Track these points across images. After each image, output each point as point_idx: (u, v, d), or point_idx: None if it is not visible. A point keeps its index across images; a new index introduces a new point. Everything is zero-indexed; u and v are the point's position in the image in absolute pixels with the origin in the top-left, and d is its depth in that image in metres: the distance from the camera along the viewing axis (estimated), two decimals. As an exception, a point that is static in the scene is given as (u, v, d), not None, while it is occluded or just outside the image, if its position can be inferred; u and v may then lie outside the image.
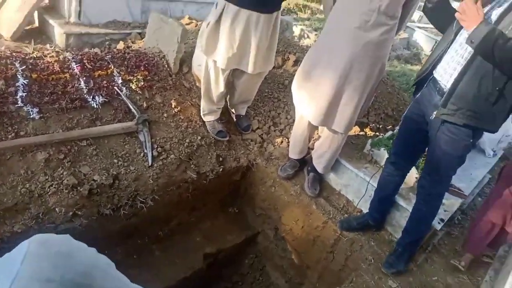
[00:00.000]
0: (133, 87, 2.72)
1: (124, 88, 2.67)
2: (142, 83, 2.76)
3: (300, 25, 5.64)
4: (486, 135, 3.37)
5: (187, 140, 2.72)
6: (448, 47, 1.94)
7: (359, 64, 2.30)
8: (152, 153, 2.50)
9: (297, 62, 3.65)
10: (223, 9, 2.43)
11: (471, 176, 3.15)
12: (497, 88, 1.78)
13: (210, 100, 2.85)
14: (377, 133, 3.37)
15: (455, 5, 1.91)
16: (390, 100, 3.69)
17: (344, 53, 2.29)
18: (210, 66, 2.68)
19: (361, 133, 3.32)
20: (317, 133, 3.04)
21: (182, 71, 3.16)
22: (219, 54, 2.53)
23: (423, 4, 2.13)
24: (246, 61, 2.58)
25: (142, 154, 2.49)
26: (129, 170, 2.41)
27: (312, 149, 2.94)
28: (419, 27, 6.74)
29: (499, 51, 1.67)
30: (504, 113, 1.89)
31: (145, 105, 2.72)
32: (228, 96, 3.06)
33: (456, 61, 1.88)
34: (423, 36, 6.64)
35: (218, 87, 2.75)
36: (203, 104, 2.89)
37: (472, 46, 1.72)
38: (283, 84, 3.54)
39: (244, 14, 2.41)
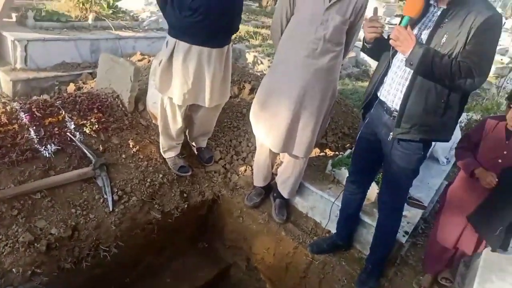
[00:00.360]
0: (87, 131, 2.65)
1: (78, 133, 2.59)
2: (97, 126, 2.69)
3: (253, 51, 5.78)
4: (438, 144, 3.55)
5: (149, 180, 2.67)
6: (387, 70, 2.04)
7: (312, 90, 2.38)
8: (112, 198, 2.42)
9: (253, 90, 3.71)
10: (174, 47, 2.44)
11: (428, 185, 3.28)
12: (442, 101, 1.89)
13: (169, 136, 2.82)
14: (337, 152, 3.46)
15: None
16: (346, 119, 3.81)
17: (297, 81, 2.36)
18: (166, 103, 2.66)
19: (322, 154, 3.39)
20: (280, 159, 3.07)
21: (138, 109, 3.12)
22: (174, 91, 2.53)
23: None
24: (202, 95, 2.60)
25: (101, 200, 2.41)
26: (88, 219, 2.31)
27: (276, 174, 2.96)
28: (365, 45, 7.07)
29: (437, 68, 1.78)
30: (453, 122, 2.01)
31: (101, 148, 2.65)
32: (187, 130, 3.04)
33: (397, 82, 1.98)
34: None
35: (176, 123, 2.73)
36: (162, 141, 2.86)
37: (412, 68, 1.82)
38: (241, 112, 3.58)
39: (195, 50, 2.44)
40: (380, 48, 2.02)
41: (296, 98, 2.38)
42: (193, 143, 3.13)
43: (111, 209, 2.39)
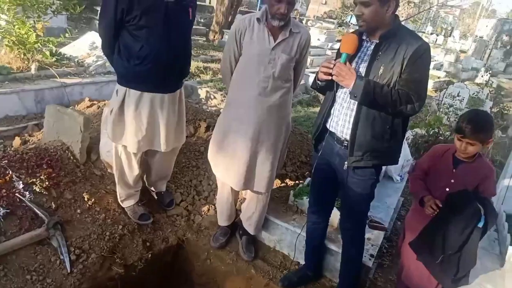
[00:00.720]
0: (38, 189, 2.51)
1: (27, 192, 2.45)
2: (47, 183, 2.56)
3: (205, 87, 5.81)
4: (391, 164, 3.72)
5: (108, 233, 2.55)
6: (333, 102, 2.14)
7: (267, 127, 2.43)
8: (69, 258, 2.29)
9: (209, 128, 3.72)
10: (124, 95, 2.41)
11: (386, 204, 3.40)
12: (388, 127, 2.01)
13: (126, 184, 2.74)
14: (297, 181, 3.51)
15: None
16: (302, 147, 3.90)
17: (251, 119, 2.40)
18: (120, 151, 2.60)
19: (282, 184, 3.43)
20: (242, 195, 3.06)
21: (91, 159, 3.01)
22: (128, 139, 2.48)
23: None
24: (157, 141, 2.57)
25: (58, 262, 2.27)
26: (45, 284, 2.16)
27: (240, 211, 2.95)
28: (312, 72, 7.36)
29: (379, 97, 1.90)
30: (399, 145, 2.14)
31: (53, 205, 2.51)
32: (145, 175, 2.97)
33: (344, 113, 2.08)
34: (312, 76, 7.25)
35: (133, 171, 2.66)
36: (119, 190, 2.77)
37: (357, 99, 1.93)
38: (199, 151, 3.56)
39: (147, 97, 2.42)
40: (330, 86, 2.12)
41: (252, 135, 2.41)
42: (152, 188, 3.05)
43: (69, 270, 2.25)
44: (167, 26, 2.30)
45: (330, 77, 1.98)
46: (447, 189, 2.16)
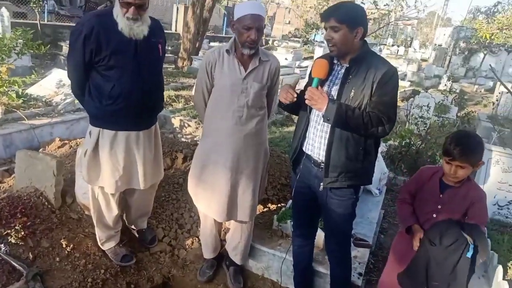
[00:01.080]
0: (13, 241, 2.40)
1: (2, 245, 2.34)
2: (23, 233, 2.46)
3: (178, 116, 5.79)
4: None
5: (89, 280, 2.45)
6: (307, 126, 2.19)
7: (245, 155, 2.44)
8: (52, 311, 2.18)
9: (186, 159, 3.69)
10: (98, 136, 2.37)
11: (368, 219, 3.44)
12: (361, 148, 2.06)
13: (105, 226, 2.66)
14: (280, 205, 3.51)
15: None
16: (281, 169, 3.92)
17: (229, 149, 2.41)
18: (97, 192, 2.54)
19: (265, 209, 3.42)
20: (226, 225, 3.03)
21: (67, 203, 2.92)
22: (105, 180, 2.43)
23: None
24: (135, 179, 2.52)
25: (40, 316, 2.16)
26: None
27: (225, 241, 2.91)
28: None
29: (351, 120, 1.95)
30: (372, 165, 2.19)
31: (31, 256, 2.41)
32: (124, 214, 2.90)
33: (319, 135, 2.13)
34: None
35: (112, 211, 2.60)
36: (98, 232, 2.68)
37: (330, 122, 1.98)
38: (178, 183, 3.52)
39: (122, 136, 2.39)
40: (295, 105, 2.17)
41: (231, 165, 2.41)
42: (133, 226, 2.98)
43: (52, 324, 2.15)
44: (138, 64, 2.30)
45: (288, 102, 2.07)
46: (434, 215, 2.08)
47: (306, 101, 2.01)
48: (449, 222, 1.93)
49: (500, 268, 2.48)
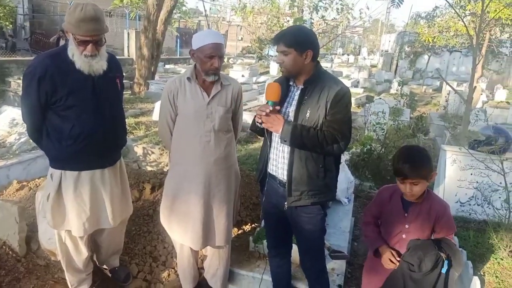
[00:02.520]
0: (-24, 299, 2.25)
1: (-37, 305, 2.18)
2: (-14, 288, 2.30)
3: (140, 143, 5.67)
4: (337, 187, 3.88)
5: (65, 329, 2.33)
6: (270, 147, 2.24)
7: (216, 179, 2.44)
8: None
9: (154, 189, 3.62)
10: (60, 179, 2.29)
11: (341, 229, 3.51)
12: (321, 166, 2.12)
13: (76, 270, 2.55)
14: (253, 224, 3.51)
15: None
16: (251, 189, 3.92)
17: (199, 175, 2.40)
18: (64, 237, 2.43)
19: (240, 231, 3.41)
20: (203, 252, 2.99)
21: (32, 249, 2.78)
22: (72, 223, 2.34)
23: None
24: (104, 218, 2.45)
25: None
26: None
27: (203, 268, 2.87)
28: (245, 110, 7.54)
29: (307, 140, 2.02)
30: (335, 180, 2.26)
31: (-2, 312, 2.26)
32: (95, 255, 2.79)
33: (281, 156, 2.18)
34: (251, 117, 7.44)
35: (81, 254, 2.50)
36: (69, 277, 2.56)
37: (287, 143, 2.05)
38: (148, 215, 3.43)
39: (86, 175, 2.32)
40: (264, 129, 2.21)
41: (203, 191, 2.40)
42: (104, 266, 2.87)
43: None
44: (97, 101, 2.26)
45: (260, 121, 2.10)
46: (403, 236, 2.02)
47: (263, 125, 2.07)
48: (426, 245, 1.89)
49: (476, 280, 2.44)
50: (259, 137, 6.10)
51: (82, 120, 2.22)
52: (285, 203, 2.16)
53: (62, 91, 2.15)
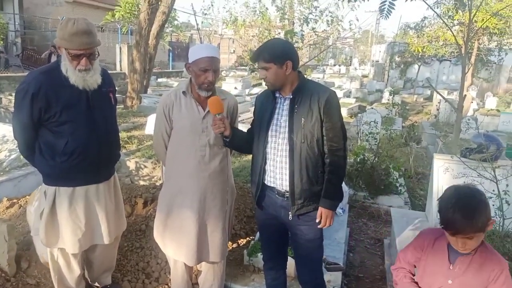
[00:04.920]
0: (-37, 321, 2.18)
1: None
2: (-26, 310, 2.24)
3: (133, 158, 5.64)
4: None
5: None
6: (265, 160, 2.23)
7: (211, 194, 2.42)
8: None
9: (147, 203, 3.58)
10: (54, 195, 2.26)
11: (336, 240, 3.49)
12: (320, 171, 2.14)
13: (67, 288, 2.50)
14: (248, 238, 3.48)
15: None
16: (245, 201, 3.90)
17: (194, 190, 2.38)
18: (57, 255, 2.39)
19: (234, 245, 3.37)
20: (197, 268, 2.94)
21: (22, 269, 2.72)
22: (66, 240, 2.30)
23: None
24: (99, 234, 2.41)
25: None
26: None
27: (197, 284, 2.82)
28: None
29: (338, 190, 2.17)
30: None
31: (-14, 335, 2.19)
32: (86, 272, 2.74)
33: (279, 166, 2.18)
34: (245, 129, 7.43)
35: (73, 272, 2.45)
36: (60, 296, 2.51)
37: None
38: (140, 230, 3.39)
39: (80, 191, 2.30)
40: (237, 141, 2.34)
41: (198, 206, 2.38)
42: (96, 284, 2.81)
43: None
44: (91, 116, 2.25)
45: (222, 130, 2.21)
46: None
47: (216, 131, 2.22)
48: None
49: None
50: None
51: (77, 135, 2.21)
52: (289, 213, 2.16)
53: (56, 107, 2.14)
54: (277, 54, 2.08)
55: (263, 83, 2.30)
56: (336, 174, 2.14)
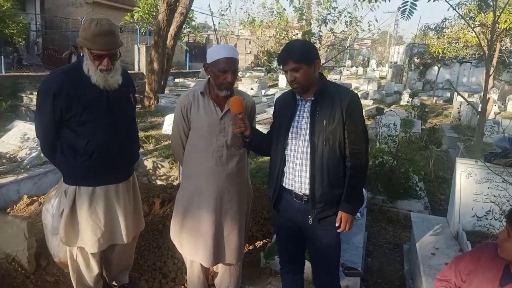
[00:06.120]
0: (-16, 317, 2.22)
1: (-28, 324, 2.15)
2: (-5, 306, 2.28)
3: (150, 157, 5.67)
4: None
5: None
6: (283, 162, 2.19)
7: (228, 195, 2.40)
8: None
9: (164, 203, 3.59)
10: (75, 195, 2.27)
11: (354, 244, 3.43)
12: (341, 175, 2.10)
13: (85, 287, 2.51)
14: (265, 240, 3.45)
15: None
16: (262, 203, 3.87)
17: (211, 190, 2.36)
18: (76, 253, 2.41)
19: (251, 247, 3.35)
20: (214, 269, 2.93)
21: (41, 266, 2.75)
22: (86, 239, 2.32)
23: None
24: (118, 233, 2.42)
25: None
26: None
27: (214, 285, 2.80)
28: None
29: (359, 194, 2.20)
30: None
31: (6, 331, 2.22)
32: (104, 271, 2.75)
33: (299, 169, 2.14)
34: (262, 130, 7.41)
35: (92, 271, 2.47)
36: (79, 294, 2.52)
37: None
38: (157, 230, 3.40)
39: (101, 191, 2.31)
40: (257, 142, 2.31)
41: (214, 207, 2.36)
42: (114, 283, 2.82)
43: None
44: (112, 116, 2.25)
45: (243, 129, 2.20)
46: None
47: (236, 131, 2.20)
48: None
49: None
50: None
51: (98, 135, 2.22)
52: (309, 216, 2.12)
53: (77, 106, 2.15)
54: (307, 54, 2.05)
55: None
56: (358, 178, 2.10)
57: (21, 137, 4.79)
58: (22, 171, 4.30)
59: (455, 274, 1.73)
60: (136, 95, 2.50)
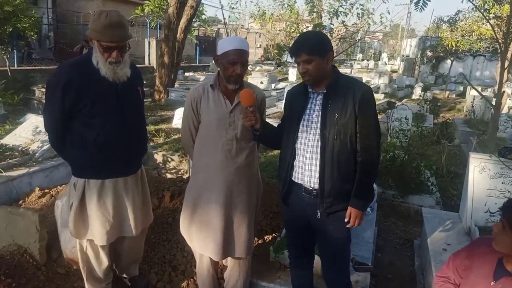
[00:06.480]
0: (-3, 307, 2.25)
1: (-15, 313, 2.18)
2: (8, 296, 2.31)
3: (160, 151, 5.70)
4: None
5: None
6: (294, 156, 2.16)
7: (237, 189, 2.39)
8: None
9: (173, 197, 3.59)
10: (84, 188, 2.28)
11: (364, 239, 3.41)
12: (351, 170, 2.07)
13: (96, 280, 2.53)
14: (274, 234, 3.44)
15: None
16: (271, 197, 3.85)
17: (221, 184, 2.35)
18: (85, 246, 2.42)
19: (260, 241, 3.34)
20: (223, 262, 2.93)
21: (52, 258, 2.79)
22: (95, 232, 2.33)
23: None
24: (127, 226, 2.43)
25: None
26: None
27: (223, 279, 2.81)
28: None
29: (370, 189, 2.15)
30: None
31: (18, 321, 2.25)
32: (114, 264, 2.77)
33: (309, 163, 2.11)
34: (270, 122, 7.38)
35: (102, 264, 2.48)
36: (89, 286, 2.55)
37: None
38: (167, 223, 3.41)
39: (109, 184, 2.31)
40: (267, 136, 2.27)
41: (224, 200, 2.36)
42: (124, 275, 2.84)
43: None
44: (121, 109, 2.25)
45: (253, 123, 2.15)
46: None
47: (247, 124, 2.15)
48: None
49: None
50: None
51: (107, 128, 2.22)
52: (317, 211, 2.10)
53: (86, 98, 2.15)
54: (320, 46, 2.02)
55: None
56: (369, 173, 2.07)
57: (33, 130, 4.84)
58: (34, 163, 4.35)
59: (452, 271, 1.74)
60: (146, 88, 2.49)
